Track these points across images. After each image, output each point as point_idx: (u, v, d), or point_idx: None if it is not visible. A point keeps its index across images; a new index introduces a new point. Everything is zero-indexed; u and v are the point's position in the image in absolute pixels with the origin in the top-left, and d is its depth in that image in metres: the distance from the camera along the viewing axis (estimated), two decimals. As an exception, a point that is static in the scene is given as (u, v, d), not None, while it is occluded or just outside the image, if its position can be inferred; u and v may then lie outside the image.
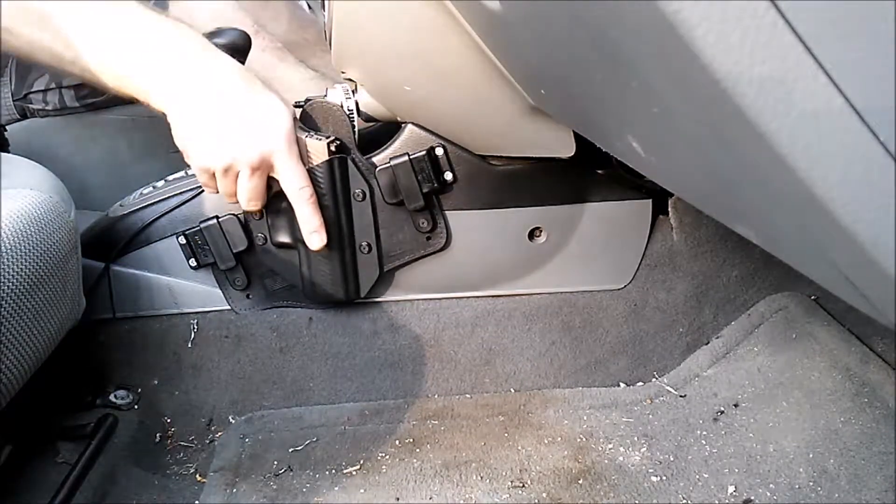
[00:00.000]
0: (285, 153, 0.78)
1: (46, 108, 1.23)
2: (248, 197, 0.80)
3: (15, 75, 1.22)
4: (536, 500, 0.78)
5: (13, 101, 1.23)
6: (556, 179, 0.92)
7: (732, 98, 0.31)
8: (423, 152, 0.88)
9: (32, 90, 1.22)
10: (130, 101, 0.76)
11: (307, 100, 0.87)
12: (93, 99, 1.23)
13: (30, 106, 1.24)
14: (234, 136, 0.75)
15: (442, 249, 0.93)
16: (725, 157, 0.39)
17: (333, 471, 0.84)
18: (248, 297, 0.94)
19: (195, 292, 0.93)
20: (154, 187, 0.96)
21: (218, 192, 0.81)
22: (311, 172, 0.86)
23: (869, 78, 0.29)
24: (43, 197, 0.74)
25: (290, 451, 0.88)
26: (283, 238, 0.90)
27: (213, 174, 0.79)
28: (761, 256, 0.99)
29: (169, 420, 0.94)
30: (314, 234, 0.84)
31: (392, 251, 0.92)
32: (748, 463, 0.80)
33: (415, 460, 0.85)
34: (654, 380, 0.97)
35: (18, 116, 1.25)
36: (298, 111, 0.86)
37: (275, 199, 0.88)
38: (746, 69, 0.30)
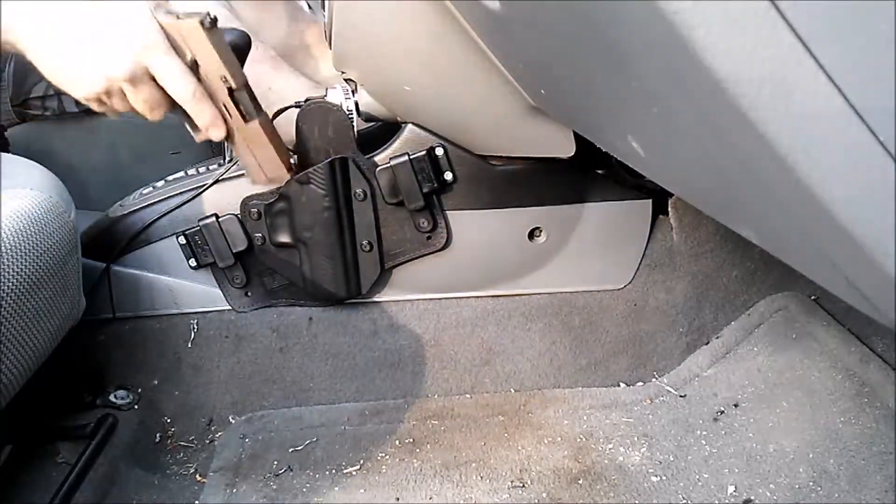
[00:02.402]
0: (155, 54, 0.71)
1: (45, 114, 1.23)
2: (147, 109, 0.74)
3: (13, 80, 1.22)
4: (536, 500, 0.78)
5: (11, 106, 1.22)
6: (556, 179, 0.92)
7: (732, 98, 0.31)
8: (423, 152, 0.88)
9: (31, 96, 1.21)
10: None
11: (307, 100, 0.87)
12: None
13: (29, 112, 1.23)
14: (97, 56, 0.70)
15: (442, 249, 0.93)
16: (725, 158, 0.39)
17: (333, 471, 0.85)
18: (246, 294, 0.94)
19: (195, 292, 0.93)
20: (154, 187, 0.96)
21: (119, 113, 0.75)
22: (312, 174, 0.86)
23: (869, 78, 0.29)
24: (43, 197, 0.74)
25: (290, 451, 0.88)
26: (283, 238, 0.90)
27: (102, 99, 0.73)
28: (761, 256, 0.99)
29: (169, 420, 0.94)
30: (212, 129, 0.77)
31: (393, 250, 0.92)
32: (748, 463, 0.80)
33: (415, 460, 0.85)
34: (654, 380, 0.97)
35: (18, 120, 1.24)
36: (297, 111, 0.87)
37: (274, 199, 0.88)
38: (746, 69, 0.30)
